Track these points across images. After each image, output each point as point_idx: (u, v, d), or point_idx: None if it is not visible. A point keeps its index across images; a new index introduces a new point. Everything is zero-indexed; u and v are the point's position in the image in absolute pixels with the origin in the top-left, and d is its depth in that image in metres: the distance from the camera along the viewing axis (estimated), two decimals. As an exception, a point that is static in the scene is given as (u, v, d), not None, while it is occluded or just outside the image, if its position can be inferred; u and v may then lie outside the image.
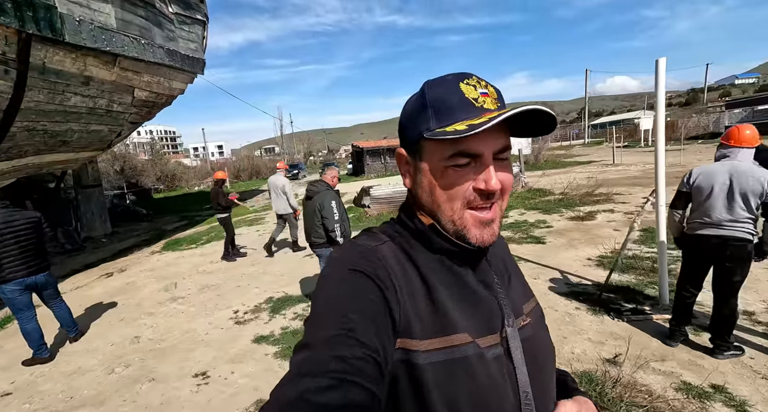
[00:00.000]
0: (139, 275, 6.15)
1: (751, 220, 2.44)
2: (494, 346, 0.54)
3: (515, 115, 0.48)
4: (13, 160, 6.31)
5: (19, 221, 3.33)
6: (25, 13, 5.02)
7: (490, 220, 0.55)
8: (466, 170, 0.53)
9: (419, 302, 0.54)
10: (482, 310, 0.56)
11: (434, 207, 0.57)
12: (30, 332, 3.32)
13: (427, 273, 0.57)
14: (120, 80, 7.23)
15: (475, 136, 0.49)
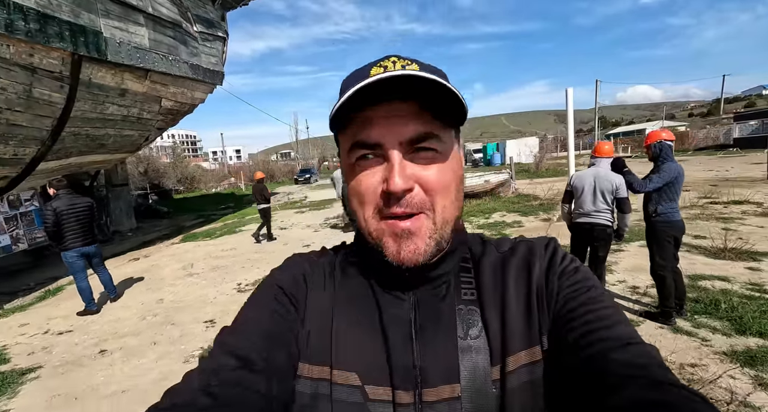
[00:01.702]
0: (162, 259, 7.23)
1: (608, 211, 3.26)
2: (391, 403, 0.41)
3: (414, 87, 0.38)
4: (61, 160, 7.49)
5: (79, 204, 4.40)
6: (78, 38, 6.16)
7: (405, 231, 0.41)
8: (372, 167, 0.42)
9: (323, 326, 0.46)
10: (386, 352, 0.44)
11: (354, 215, 0.46)
12: (84, 289, 4.37)
13: (342, 296, 0.48)
14: (150, 92, 8.38)
15: (373, 124, 0.40)
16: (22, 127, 5.99)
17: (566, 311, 0.42)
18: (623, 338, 0.37)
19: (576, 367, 0.37)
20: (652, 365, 0.35)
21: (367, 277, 0.49)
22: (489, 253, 0.50)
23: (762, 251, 4.64)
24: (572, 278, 0.44)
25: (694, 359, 2.55)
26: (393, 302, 0.46)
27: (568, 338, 0.39)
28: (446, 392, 0.41)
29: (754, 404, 2.08)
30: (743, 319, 2.97)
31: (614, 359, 0.35)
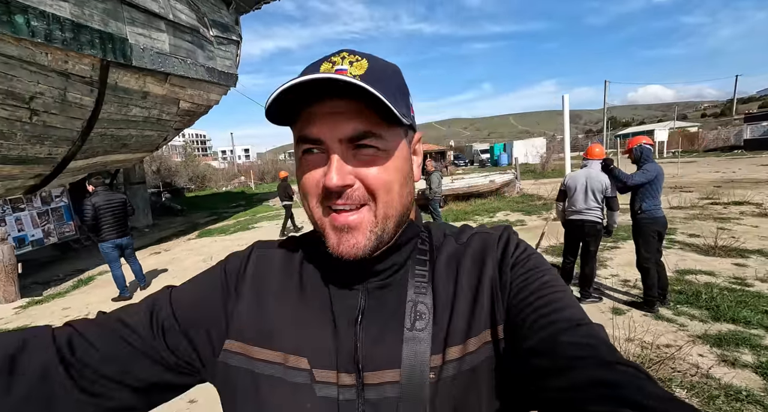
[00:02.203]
0: (181, 253, 7.66)
1: (599, 208, 3.56)
2: (336, 385, 0.43)
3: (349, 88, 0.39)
4: (88, 159, 7.96)
5: (114, 200, 4.83)
6: (107, 45, 6.58)
7: (345, 225, 0.43)
8: (316, 161, 0.44)
9: (272, 310, 0.48)
10: (334, 339, 0.46)
11: (304, 206, 0.48)
12: (118, 277, 4.80)
13: (297, 281, 0.51)
14: (169, 94, 8.81)
15: (315, 120, 0.42)
16: (56, 129, 6.44)
17: (519, 299, 0.43)
18: (572, 320, 0.39)
19: (528, 351, 0.38)
20: (600, 345, 0.36)
21: (324, 266, 0.50)
22: (447, 244, 0.52)
23: (751, 248, 4.88)
24: (524, 267, 0.46)
25: (669, 340, 2.85)
26: (345, 290, 0.48)
27: (522, 325, 0.41)
28: (387, 377, 0.43)
29: (714, 376, 2.38)
30: (720, 308, 3.25)
31: (563, 341, 0.37)
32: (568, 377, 0.34)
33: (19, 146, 6.00)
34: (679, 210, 7.94)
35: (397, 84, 0.45)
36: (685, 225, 6.53)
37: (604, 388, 0.32)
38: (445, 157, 30.04)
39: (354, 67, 0.43)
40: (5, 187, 6.60)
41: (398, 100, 0.43)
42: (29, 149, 6.22)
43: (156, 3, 7.65)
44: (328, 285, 0.49)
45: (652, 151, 3.53)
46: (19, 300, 5.13)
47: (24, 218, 6.96)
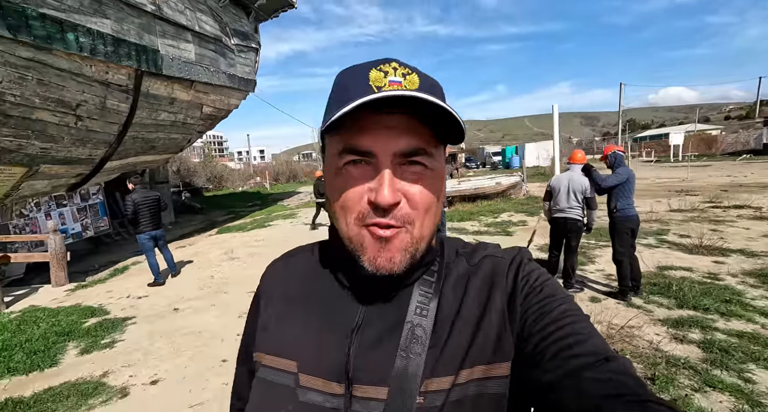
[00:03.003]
0: (204, 247, 8.31)
1: (579, 207, 3.96)
2: (322, 392, 0.44)
3: (412, 103, 0.39)
4: (122, 160, 8.68)
5: (150, 197, 5.47)
6: (141, 56, 7.25)
7: (384, 238, 0.42)
8: (361, 173, 0.43)
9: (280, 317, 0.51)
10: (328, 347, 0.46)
11: (332, 217, 0.48)
12: (153, 265, 5.43)
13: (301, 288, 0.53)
14: (194, 100, 9.49)
15: (368, 132, 0.41)
16: (97, 133, 7.14)
17: (536, 330, 0.41)
18: (598, 354, 0.36)
19: (549, 386, 0.36)
20: (629, 382, 0.34)
21: (331, 276, 0.51)
22: (458, 264, 0.51)
23: (734, 248, 5.18)
24: (539, 295, 0.43)
25: (634, 323, 3.24)
26: (348, 302, 0.48)
27: (542, 357, 0.39)
28: (374, 393, 0.42)
29: (662, 349, 2.78)
30: (685, 297, 3.62)
31: (589, 377, 0.35)
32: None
33: (65, 148, 6.71)
34: (678, 213, 8.19)
35: (443, 99, 0.44)
36: (679, 227, 6.81)
37: None
38: (456, 159, 30.34)
39: (408, 81, 0.42)
40: (51, 185, 7.35)
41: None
42: (73, 151, 6.93)
43: (184, 16, 8.34)
44: (331, 294, 0.50)
45: (624, 157, 3.93)
46: (68, 284, 5.81)
47: (66, 213, 7.70)
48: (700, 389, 2.33)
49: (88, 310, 4.37)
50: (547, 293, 0.44)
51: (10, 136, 5.61)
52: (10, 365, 3.16)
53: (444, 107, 0.39)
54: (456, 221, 8.96)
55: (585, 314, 0.43)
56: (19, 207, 7.04)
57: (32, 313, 4.32)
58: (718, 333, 2.99)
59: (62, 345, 3.53)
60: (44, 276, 6.09)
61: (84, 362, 3.23)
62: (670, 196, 10.58)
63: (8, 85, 5.16)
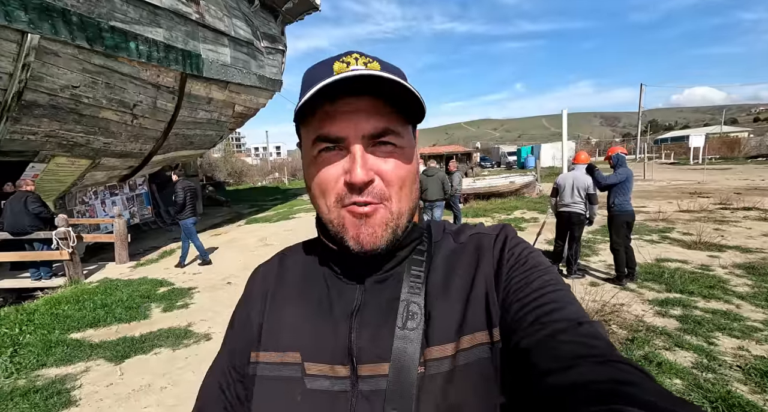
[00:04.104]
0: (239, 235, 9.08)
1: (582, 203, 4.47)
2: (328, 377, 0.46)
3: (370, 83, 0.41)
4: (165, 154, 9.50)
5: (192, 185, 6.21)
6: (186, 61, 7.99)
7: (364, 215, 0.45)
8: (334, 158, 0.45)
9: (279, 314, 0.52)
10: (329, 332, 0.48)
11: (314, 204, 0.49)
12: (200, 246, 6.17)
13: (295, 282, 0.54)
14: (228, 99, 10.25)
15: (336, 118, 0.43)
16: (147, 129, 7.95)
17: (518, 298, 0.43)
18: (572, 319, 0.39)
19: (527, 350, 0.38)
20: (600, 344, 0.36)
21: (324, 265, 0.53)
22: (445, 242, 0.53)
23: (731, 245, 5.58)
24: (524, 266, 0.46)
25: (625, 301, 3.76)
26: (343, 288, 0.50)
27: (522, 323, 0.41)
28: (378, 370, 0.44)
29: (645, 320, 3.31)
30: (674, 283, 4.11)
31: (563, 339, 0.37)
32: (568, 376, 0.34)
33: (122, 143, 7.53)
34: (686, 213, 8.52)
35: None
36: (684, 226, 7.18)
37: (605, 385, 0.32)
38: (470, 158, 30.62)
39: (369, 69, 0.44)
40: (108, 176, 8.21)
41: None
42: (128, 146, 7.75)
43: (222, 22, 9.10)
44: (327, 282, 0.52)
45: (626, 158, 4.42)
46: (129, 262, 6.62)
47: (117, 202, 8.56)
48: (670, 349, 2.86)
49: (156, 282, 5.15)
50: (531, 264, 0.46)
51: (82, 133, 6.42)
52: (115, 315, 3.94)
53: (402, 83, 0.41)
54: (470, 217, 9.49)
55: (565, 284, 0.45)
56: (81, 195, 7.92)
57: (110, 283, 5.12)
58: (696, 310, 3.48)
59: (147, 305, 4.30)
60: (99, 257, 6.93)
61: (168, 317, 3.98)
62: (682, 197, 10.82)
63: (84, 89, 5.95)
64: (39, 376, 2.94)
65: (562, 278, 0.46)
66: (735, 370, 2.55)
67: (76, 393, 2.69)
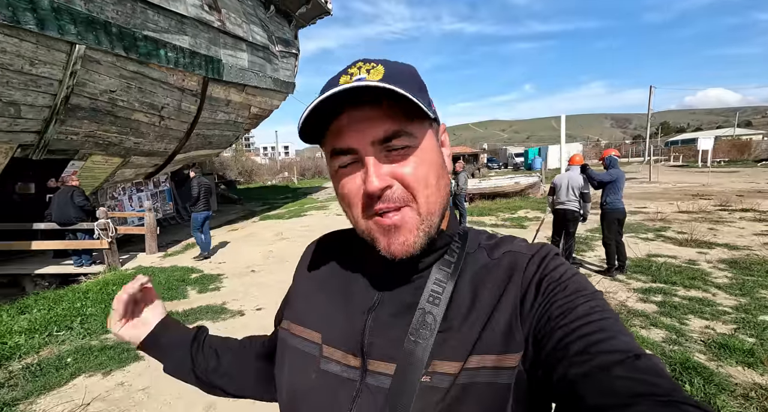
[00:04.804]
0: (255, 229, 9.60)
1: (576, 200, 4.87)
2: (339, 363, 0.49)
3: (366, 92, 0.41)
4: (186, 153, 10.06)
5: (207, 182, 6.73)
6: (208, 66, 8.51)
7: (392, 225, 0.45)
8: (353, 171, 0.46)
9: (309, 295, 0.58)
10: (347, 322, 0.51)
11: (347, 216, 0.51)
12: (204, 240, 6.70)
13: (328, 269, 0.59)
14: (245, 101, 10.76)
15: (345, 131, 0.44)
16: (172, 130, 8.50)
17: (561, 325, 0.40)
18: (628, 351, 0.36)
19: (574, 382, 0.36)
20: (661, 381, 0.33)
21: (355, 258, 0.56)
22: (478, 258, 0.51)
23: (721, 242, 5.92)
24: (565, 291, 0.43)
25: (612, 290, 4.16)
26: (366, 283, 0.53)
27: (568, 352, 0.38)
28: (385, 368, 0.46)
29: (627, 305, 3.71)
30: (660, 275, 4.49)
31: (618, 374, 0.34)
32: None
33: (149, 143, 8.08)
34: (685, 214, 8.82)
35: (416, 81, 0.47)
36: (681, 225, 7.51)
37: None
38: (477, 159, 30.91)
39: (372, 74, 0.44)
40: (135, 174, 8.78)
41: (419, 96, 0.43)
42: (154, 145, 8.31)
43: (241, 29, 9.62)
44: (354, 274, 0.55)
45: (618, 160, 4.83)
46: (158, 252, 7.18)
47: (142, 197, 9.14)
48: (646, 327, 3.26)
49: (186, 269, 5.67)
50: (573, 288, 0.43)
51: (116, 133, 6.98)
52: (158, 294, 4.43)
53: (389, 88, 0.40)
54: (476, 216, 9.88)
55: (613, 312, 0.42)
56: (111, 191, 8.50)
57: (144, 269, 5.65)
58: (675, 297, 3.87)
59: (183, 288, 4.83)
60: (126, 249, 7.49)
61: (204, 297, 4.50)
62: (685, 199, 11.08)
63: (119, 93, 6.50)
64: (106, 339, 3.46)
65: (609, 305, 0.43)
66: (698, 343, 2.95)
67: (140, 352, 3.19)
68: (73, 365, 2.99)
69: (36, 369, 2.95)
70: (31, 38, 4.85)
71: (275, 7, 11.31)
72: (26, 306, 4.19)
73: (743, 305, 3.60)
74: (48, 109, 5.52)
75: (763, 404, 2.18)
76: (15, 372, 2.91)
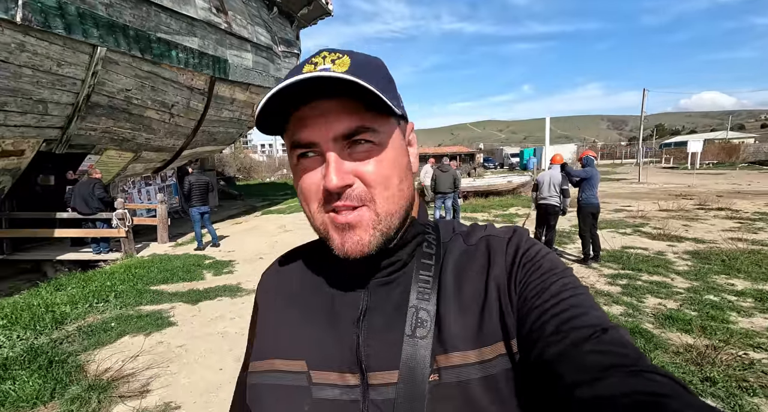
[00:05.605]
0: (258, 223, 10.05)
1: (557, 196, 5.37)
2: (337, 386, 0.45)
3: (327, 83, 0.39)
4: (192, 149, 10.47)
5: (202, 179, 7.14)
6: (215, 66, 8.92)
7: (346, 224, 0.43)
8: (313, 164, 0.44)
9: (281, 321, 0.51)
10: (335, 340, 0.47)
11: (304, 212, 0.48)
12: (197, 233, 7.09)
13: (297, 288, 0.53)
14: (248, 100, 11.17)
15: (306, 124, 0.42)
16: (181, 127, 8.92)
17: (536, 305, 0.40)
18: (595, 325, 0.36)
19: (550, 361, 0.36)
20: (628, 352, 0.34)
21: (326, 269, 0.51)
22: (455, 245, 0.51)
23: (690, 237, 6.46)
24: (539, 271, 0.43)
25: (586, 275, 4.66)
26: (347, 292, 0.49)
27: (542, 332, 0.38)
28: (389, 378, 0.43)
29: (596, 287, 4.22)
30: (629, 263, 5.01)
31: (588, 349, 0.35)
32: (596, 388, 0.32)
33: (160, 139, 8.51)
34: (665, 212, 9.36)
35: (383, 75, 0.45)
36: (658, 222, 8.04)
37: (637, 397, 0.30)
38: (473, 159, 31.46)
39: (337, 65, 0.42)
40: (145, 168, 9.21)
41: (386, 91, 0.41)
42: (164, 141, 8.73)
43: (246, 30, 10.05)
44: (330, 287, 0.50)
45: (595, 160, 5.34)
46: (169, 242, 7.62)
47: (150, 191, 9.56)
48: (608, 304, 3.76)
49: (199, 256, 6.13)
50: (546, 267, 0.44)
51: (129, 129, 7.40)
52: (178, 276, 4.96)
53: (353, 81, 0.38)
54: (469, 212, 10.38)
55: (584, 286, 0.42)
56: (122, 184, 8.92)
57: (159, 257, 6.10)
58: (639, 282, 4.37)
59: (199, 271, 5.29)
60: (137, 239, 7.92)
61: (220, 279, 4.98)
62: (668, 199, 11.64)
63: (134, 92, 6.92)
64: (140, 310, 3.94)
65: (580, 281, 0.43)
66: (649, 317, 3.45)
67: (172, 319, 3.71)
68: (117, 328, 3.47)
69: (87, 330, 3.43)
70: (58, 41, 5.27)
71: (278, 8, 11.73)
72: (61, 285, 4.67)
73: (694, 287, 4.11)
74: (71, 107, 5.94)
75: (687, 357, 2.69)
76: (70, 332, 3.39)
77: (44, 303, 3.96)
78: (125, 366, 2.80)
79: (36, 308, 3.82)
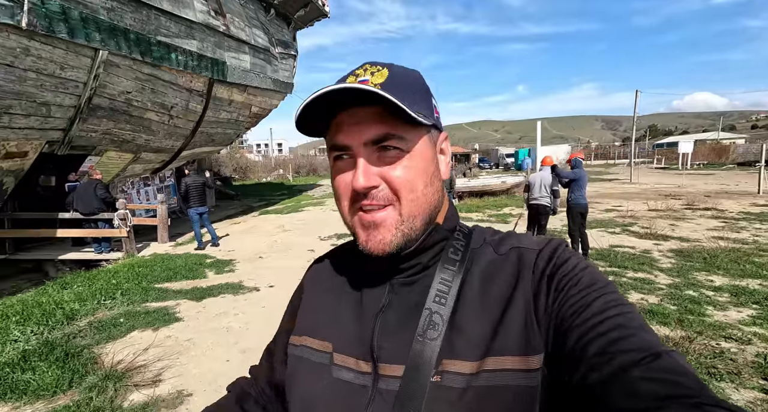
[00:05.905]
0: (257, 223, 10.19)
1: (548, 196, 5.58)
2: (352, 370, 0.50)
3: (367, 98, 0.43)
4: (191, 150, 10.57)
5: (198, 180, 7.27)
6: (214, 68, 9.03)
7: (371, 222, 0.47)
8: (346, 166, 0.49)
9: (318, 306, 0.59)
10: (357, 328, 0.52)
11: (338, 208, 0.52)
12: (197, 233, 7.21)
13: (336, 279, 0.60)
14: (246, 101, 11.29)
15: (342, 129, 0.47)
16: (180, 128, 9.03)
17: (577, 324, 0.39)
18: (648, 349, 0.34)
19: (596, 385, 0.34)
20: (686, 381, 0.32)
21: (358, 265, 0.57)
22: (484, 253, 0.52)
23: (676, 236, 6.70)
24: (577, 286, 0.42)
25: (574, 273, 4.87)
26: (373, 288, 0.53)
27: (586, 353, 0.36)
28: (396, 371, 0.46)
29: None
30: (616, 260, 5.23)
31: (640, 376, 0.32)
32: None
33: (159, 140, 8.62)
34: (654, 212, 9.63)
35: (419, 87, 0.49)
36: (647, 222, 8.29)
37: None
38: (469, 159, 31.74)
39: (375, 77, 0.46)
40: (143, 169, 9.30)
41: (419, 103, 0.46)
42: (163, 142, 8.84)
43: (244, 32, 10.17)
44: (361, 281, 0.55)
45: (583, 162, 5.56)
46: (169, 242, 7.74)
47: (149, 192, 9.66)
48: (593, 299, 3.97)
49: (200, 255, 6.27)
50: (586, 282, 0.42)
51: (129, 131, 7.51)
52: (181, 274, 5.09)
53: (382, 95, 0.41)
54: (464, 212, 10.58)
55: (630, 304, 0.40)
56: (121, 185, 9.01)
57: (161, 256, 6.23)
58: (624, 278, 4.59)
59: (201, 270, 5.44)
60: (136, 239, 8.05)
61: (222, 277, 5.14)
62: (658, 199, 11.92)
63: (134, 94, 7.04)
64: (147, 306, 4.10)
65: (624, 297, 0.41)
66: (631, 310, 3.66)
67: (178, 315, 3.87)
68: (126, 323, 3.63)
69: (98, 325, 3.59)
70: (62, 45, 5.39)
71: (275, 10, 11.85)
72: (66, 283, 4.80)
73: (676, 283, 4.33)
74: (73, 109, 6.06)
75: (663, 347, 2.90)
76: (82, 327, 3.54)
77: (53, 300, 4.10)
78: (137, 358, 2.95)
79: (46, 305, 3.96)
